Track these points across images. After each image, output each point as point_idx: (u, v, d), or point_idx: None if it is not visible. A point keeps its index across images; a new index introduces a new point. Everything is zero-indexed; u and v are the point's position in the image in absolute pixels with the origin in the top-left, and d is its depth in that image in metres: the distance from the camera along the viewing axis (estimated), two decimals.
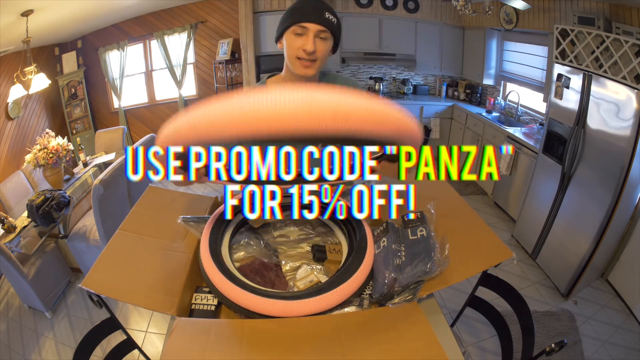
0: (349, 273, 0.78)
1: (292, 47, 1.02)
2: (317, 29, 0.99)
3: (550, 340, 2.09)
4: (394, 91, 4.88)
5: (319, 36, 1.00)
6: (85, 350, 0.90)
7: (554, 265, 2.54)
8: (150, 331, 2.19)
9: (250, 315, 0.75)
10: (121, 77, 4.46)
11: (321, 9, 0.99)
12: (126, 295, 0.78)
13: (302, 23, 0.98)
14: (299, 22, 0.99)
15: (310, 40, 0.99)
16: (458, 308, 1.17)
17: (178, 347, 0.66)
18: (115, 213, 2.49)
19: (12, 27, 2.92)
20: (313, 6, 0.99)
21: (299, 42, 1.00)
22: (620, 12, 2.42)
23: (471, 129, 4.06)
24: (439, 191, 1.11)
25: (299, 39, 1.00)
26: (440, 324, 0.79)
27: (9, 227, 2.35)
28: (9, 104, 3.42)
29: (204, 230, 0.89)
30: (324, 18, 0.99)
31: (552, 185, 2.53)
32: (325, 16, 0.99)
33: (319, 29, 0.99)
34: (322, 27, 0.99)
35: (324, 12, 0.99)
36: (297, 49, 1.01)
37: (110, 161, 3.09)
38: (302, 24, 0.98)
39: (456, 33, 4.53)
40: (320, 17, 0.98)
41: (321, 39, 1.01)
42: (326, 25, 0.99)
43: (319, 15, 0.98)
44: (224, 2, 4.33)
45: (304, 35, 1.00)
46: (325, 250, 0.91)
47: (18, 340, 2.16)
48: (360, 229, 0.91)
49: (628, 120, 1.94)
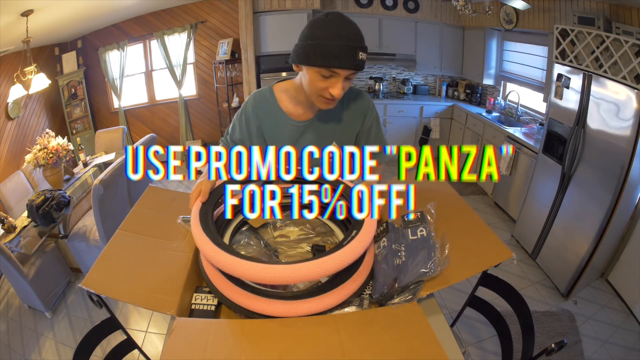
0: (349, 273, 0.78)
1: (316, 86, 0.93)
2: (349, 73, 0.90)
3: (550, 340, 2.09)
4: (394, 91, 4.88)
5: (348, 77, 0.92)
6: (85, 350, 0.90)
7: (554, 265, 2.54)
8: (150, 331, 2.19)
9: (250, 315, 0.75)
10: (121, 77, 4.46)
11: (355, 49, 0.87)
12: (126, 295, 0.78)
13: (335, 69, 0.88)
14: (330, 68, 0.88)
15: (339, 87, 0.91)
16: (458, 308, 1.17)
17: (178, 347, 0.66)
18: (115, 213, 2.49)
19: (12, 27, 2.92)
20: (346, 46, 0.86)
21: (326, 84, 0.91)
22: (620, 12, 2.42)
23: (471, 129, 4.06)
24: (439, 191, 1.11)
25: (326, 81, 0.91)
26: (440, 324, 0.79)
27: (9, 227, 2.35)
28: (9, 104, 3.42)
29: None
30: (357, 61, 0.88)
31: (552, 185, 2.53)
32: (359, 58, 0.88)
33: (350, 72, 0.90)
34: (354, 70, 0.90)
35: (357, 54, 0.87)
36: (322, 90, 0.93)
37: (110, 161, 3.09)
38: (334, 69, 0.88)
39: (456, 33, 4.53)
40: (354, 61, 0.87)
41: (348, 79, 0.93)
42: (357, 69, 0.90)
43: (353, 60, 0.87)
44: (224, 2, 4.33)
45: (332, 78, 0.91)
46: (325, 250, 0.91)
47: (18, 340, 2.16)
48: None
49: (628, 120, 1.94)
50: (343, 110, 1.10)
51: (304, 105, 1.08)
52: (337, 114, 1.10)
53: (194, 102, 4.76)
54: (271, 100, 1.10)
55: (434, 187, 1.14)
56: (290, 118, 1.09)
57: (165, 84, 4.67)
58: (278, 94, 1.10)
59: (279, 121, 1.09)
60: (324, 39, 0.87)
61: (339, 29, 0.87)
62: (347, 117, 1.11)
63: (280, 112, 1.09)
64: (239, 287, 0.76)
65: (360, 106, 1.12)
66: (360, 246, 0.75)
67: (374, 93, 4.63)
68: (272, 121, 1.10)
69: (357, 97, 1.12)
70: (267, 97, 1.10)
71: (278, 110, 1.09)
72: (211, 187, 0.93)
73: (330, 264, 0.70)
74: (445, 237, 0.88)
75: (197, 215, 0.84)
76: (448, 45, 4.55)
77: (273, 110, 1.10)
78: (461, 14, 3.73)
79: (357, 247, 0.74)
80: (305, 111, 1.09)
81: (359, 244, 0.75)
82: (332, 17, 0.89)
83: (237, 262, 0.70)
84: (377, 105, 4.24)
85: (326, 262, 0.70)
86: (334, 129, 1.11)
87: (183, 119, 4.67)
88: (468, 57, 4.52)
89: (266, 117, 1.10)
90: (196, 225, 0.80)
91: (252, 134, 1.12)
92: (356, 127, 1.13)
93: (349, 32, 0.88)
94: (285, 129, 1.10)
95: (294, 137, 1.10)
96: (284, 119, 1.09)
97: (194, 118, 4.81)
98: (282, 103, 1.09)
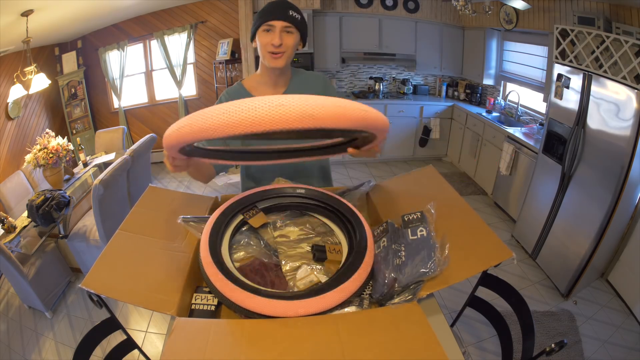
0: (349, 273, 0.78)
1: (262, 43, 1.15)
2: (283, 25, 1.12)
3: (550, 340, 2.09)
4: (394, 91, 4.88)
5: (285, 31, 1.13)
6: (85, 350, 0.90)
7: (554, 265, 2.54)
8: (150, 331, 2.19)
9: (250, 316, 0.75)
10: (121, 77, 4.46)
11: (285, 7, 1.13)
12: (126, 295, 0.78)
13: (269, 22, 1.12)
14: (266, 21, 1.12)
15: (277, 35, 1.12)
16: (458, 308, 1.17)
17: (178, 347, 0.66)
18: (115, 213, 2.49)
19: (12, 27, 2.92)
20: (278, 5, 1.13)
21: (268, 38, 1.14)
22: (620, 12, 2.42)
23: (471, 129, 4.06)
24: (439, 191, 1.11)
25: (268, 36, 1.14)
26: (440, 324, 0.79)
27: (9, 227, 2.35)
28: (9, 104, 3.42)
29: (204, 230, 0.89)
30: (288, 15, 1.12)
31: (552, 185, 2.53)
32: (289, 13, 1.12)
33: (284, 25, 1.12)
34: (286, 23, 1.12)
35: (287, 10, 1.13)
36: (266, 44, 1.14)
37: (110, 161, 3.09)
38: (269, 22, 1.12)
39: (456, 33, 4.53)
40: (285, 15, 1.12)
41: (287, 33, 1.14)
42: (290, 21, 1.12)
43: (284, 13, 1.12)
44: (224, 2, 4.33)
45: (272, 31, 1.13)
46: (325, 250, 0.91)
47: (18, 340, 2.16)
48: (360, 229, 0.91)
49: (628, 120, 1.94)
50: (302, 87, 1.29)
51: (269, 85, 1.26)
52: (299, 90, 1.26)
53: (194, 102, 4.76)
54: (241, 90, 1.27)
55: (434, 187, 1.14)
56: None
57: (165, 84, 4.67)
58: (246, 83, 1.28)
59: None
60: (263, 7, 1.15)
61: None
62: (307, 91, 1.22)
63: (249, 96, 1.24)
64: (239, 287, 0.76)
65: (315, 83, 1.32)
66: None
67: (374, 93, 4.63)
68: None
69: (312, 76, 1.34)
70: (238, 89, 1.28)
71: (248, 95, 1.24)
72: None
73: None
74: (445, 237, 0.88)
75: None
76: (448, 45, 4.55)
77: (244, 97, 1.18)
78: (461, 14, 3.73)
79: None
80: (273, 90, 1.26)
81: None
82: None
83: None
84: (378, 105, 4.25)
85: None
86: None
87: None
88: (468, 57, 4.52)
89: None
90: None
91: None
92: None
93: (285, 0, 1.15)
94: None
95: None
96: None
97: None
98: (252, 90, 1.27)
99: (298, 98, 0.59)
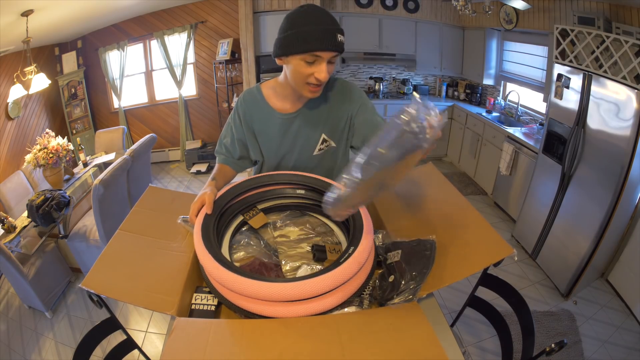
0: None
1: (301, 73, 0.96)
2: (331, 55, 0.93)
3: (550, 340, 2.08)
4: (394, 91, 4.88)
5: (330, 61, 0.95)
6: (85, 350, 0.90)
7: (554, 265, 2.54)
8: (150, 331, 2.19)
9: (250, 316, 0.75)
10: (121, 77, 4.46)
11: (333, 31, 0.91)
12: (126, 295, 0.78)
13: (317, 52, 0.91)
14: (312, 51, 0.91)
15: (324, 70, 0.93)
16: (458, 308, 1.17)
17: (178, 347, 0.66)
18: (115, 213, 2.49)
19: (12, 27, 2.92)
20: (325, 30, 0.90)
21: (311, 70, 0.94)
22: (620, 12, 2.42)
23: (471, 129, 4.06)
24: (440, 190, 1.12)
25: (311, 68, 0.94)
26: (440, 324, 0.79)
27: (9, 227, 2.35)
28: (9, 104, 3.42)
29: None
30: (337, 42, 0.92)
31: (552, 185, 2.53)
32: (338, 40, 0.92)
33: (332, 55, 0.93)
34: (335, 52, 0.93)
35: (336, 36, 0.91)
36: (308, 76, 0.96)
37: (110, 161, 3.09)
38: (316, 53, 0.91)
39: (456, 33, 4.53)
40: (334, 43, 0.91)
41: (331, 63, 0.96)
42: (339, 50, 0.94)
43: (333, 41, 0.91)
44: (224, 2, 4.33)
45: (317, 63, 0.93)
46: (325, 250, 0.91)
47: (18, 340, 2.16)
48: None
49: (628, 120, 1.94)
50: (327, 99, 1.14)
51: (290, 99, 1.12)
52: (322, 102, 1.13)
53: (194, 102, 4.76)
54: (259, 97, 1.15)
55: (434, 187, 1.14)
56: (277, 112, 1.14)
57: (165, 84, 4.67)
58: (265, 90, 1.15)
59: (267, 116, 1.15)
60: (303, 25, 0.91)
61: (316, 15, 0.92)
62: (332, 104, 1.14)
63: (267, 107, 1.14)
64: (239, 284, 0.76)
65: (341, 93, 1.14)
66: (356, 264, 0.77)
67: (374, 93, 4.63)
68: (261, 116, 1.15)
69: (337, 85, 1.15)
70: (255, 95, 1.16)
71: (265, 106, 1.14)
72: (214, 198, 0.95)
73: (327, 282, 0.72)
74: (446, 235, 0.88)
75: (199, 231, 0.84)
76: (448, 45, 4.55)
77: (261, 106, 1.15)
78: (461, 14, 3.73)
79: (353, 264, 0.76)
80: (292, 104, 1.13)
81: (355, 261, 0.77)
82: (307, 7, 0.95)
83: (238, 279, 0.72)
84: (377, 105, 4.24)
85: (323, 280, 0.72)
86: (320, 117, 1.14)
87: (183, 119, 4.67)
88: (468, 57, 4.52)
89: (255, 113, 1.16)
90: (199, 242, 0.81)
91: (245, 130, 1.18)
92: (342, 114, 1.15)
93: (326, 17, 0.93)
94: (273, 123, 1.15)
95: (282, 130, 1.15)
96: (271, 114, 1.14)
97: (194, 118, 4.82)
98: (270, 99, 1.14)
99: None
